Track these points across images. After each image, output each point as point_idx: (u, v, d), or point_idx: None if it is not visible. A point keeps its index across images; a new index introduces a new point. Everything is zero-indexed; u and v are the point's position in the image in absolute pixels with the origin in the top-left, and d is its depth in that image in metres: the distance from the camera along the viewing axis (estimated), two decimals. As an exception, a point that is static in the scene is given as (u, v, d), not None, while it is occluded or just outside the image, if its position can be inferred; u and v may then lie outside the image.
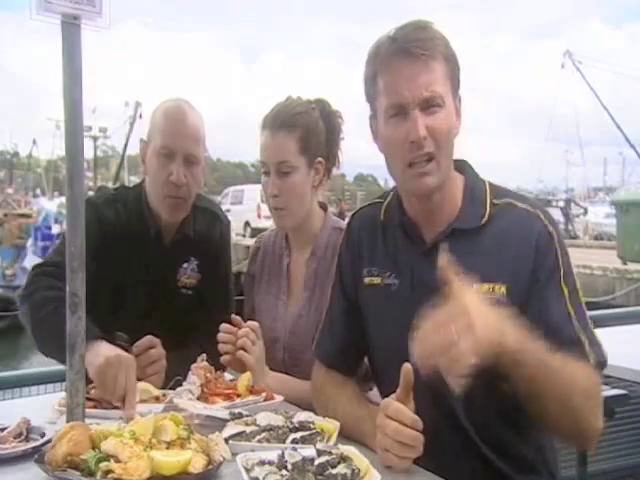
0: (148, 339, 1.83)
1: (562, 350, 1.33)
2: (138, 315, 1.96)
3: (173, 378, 1.78)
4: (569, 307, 1.40)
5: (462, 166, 1.55)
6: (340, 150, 2.03)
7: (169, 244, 2.06)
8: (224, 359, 1.84)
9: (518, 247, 1.42)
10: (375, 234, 1.61)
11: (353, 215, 1.71)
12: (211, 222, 2.14)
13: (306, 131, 1.90)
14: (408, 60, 1.39)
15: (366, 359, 1.70)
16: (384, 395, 1.45)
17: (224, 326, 1.84)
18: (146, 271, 2.00)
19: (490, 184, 1.53)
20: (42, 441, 1.39)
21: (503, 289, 1.40)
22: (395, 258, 1.55)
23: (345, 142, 2.04)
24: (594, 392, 1.36)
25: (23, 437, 1.43)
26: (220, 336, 1.83)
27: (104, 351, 1.60)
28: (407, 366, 1.29)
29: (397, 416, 1.27)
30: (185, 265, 2.06)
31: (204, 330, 1.96)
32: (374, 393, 1.71)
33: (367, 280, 1.59)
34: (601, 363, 1.40)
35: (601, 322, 3.35)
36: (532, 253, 1.41)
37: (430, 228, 1.51)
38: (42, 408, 1.65)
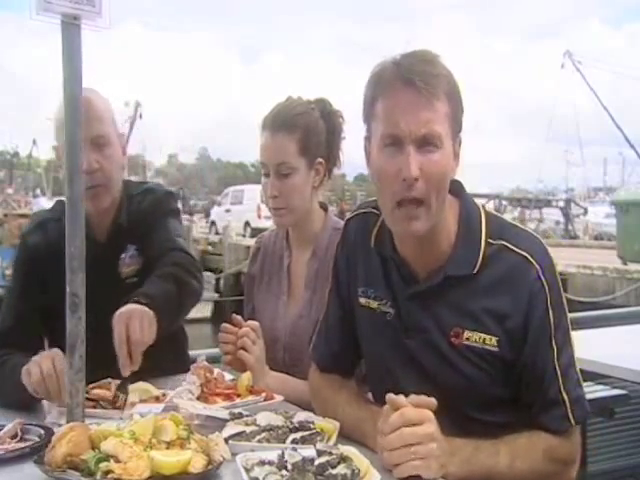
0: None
1: (543, 411, 1.39)
2: (91, 318, 1.89)
3: (153, 379, 1.76)
4: (556, 365, 1.39)
5: (457, 189, 1.49)
6: (341, 150, 2.01)
7: (105, 240, 1.99)
8: (225, 359, 1.84)
9: (510, 299, 1.38)
10: (370, 253, 1.56)
11: (349, 220, 1.67)
12: (142, 199, 2.05)
13: (306, 132, 1.89)
14: (410, 92, 1.33)
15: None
16: (376, 398, 1.46)
17: (224, 326, 1.84)
18: (88, 275, 1.94)
19: (486, 214, 1.47)
20: (40, 441, 1.39)
21: (494, 341, 1.39)
22: (391, 288, 1.51)
23: (345, 142, 2.03)
24: (558, 462, 1.39)
25: (18, 438, 1.43)
26: (220, 336, 1.83)
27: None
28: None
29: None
30: (123, 255, 1.98)
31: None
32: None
33: (363, 301, 1.56)
34: (582, 420, 1.42)
35: (601, 322, 3.36)
36: (524, 307, 1.38)
37: (422, 266, 1.47)
38: (42, 408, 1.65)
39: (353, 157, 2.05)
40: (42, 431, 1.45)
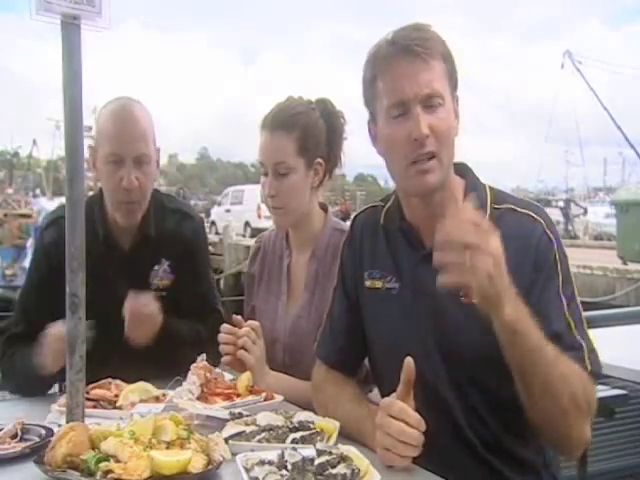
0: (140, 303, 1.85)
1: (563, 353, 1.33)
2: (108, 320, 1.84)
3: (153, 379, 1.77)
4: (567, 315, 1.39)
5: (463, 170, 1.54)
6: (342, 150, 2.01)
7: (130, 247, 2.03)
8: (225, 360, 1.84)
9: (518, 253, 1.39)
10: (377, 237, 1.60)
11: (355, 217, 1.71)
12: (181, 220, 2.10)
13: (304, 132, 1.89)
14: (408, 58, 1.39)
15: (366, 360, 1.70)
16: (384, 396, 1.46)
17: (225, 326, 1.84)
18: (108, 278, 1.96)
19: (491, 188, 1.52)
20: (40, 442, 1.39)
21: None
22: (397, 262, 1.54)
23: (346, 142, 2.03)
24: (584, 398, 1.34)
25: (18, 438, 1.43)
26: (221, 337, 1.83)
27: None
28: (409, 360, 1.29)
29: (401, 415, 1.27)
30: (156, 267, 2.02)
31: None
32: (374, 394, 1.71)
33: (368, 283, 1.59)
34: (597, 373, 1.39)
35: (601, 322, 3.34)
36: (531, 259, 1.39)
37: (430, 233, 1.47)
38: (42, 408, 1.65)
39: (353, 157, 2.06)
40: (42, 431, 1.45)
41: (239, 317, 1.86)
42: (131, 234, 2.02)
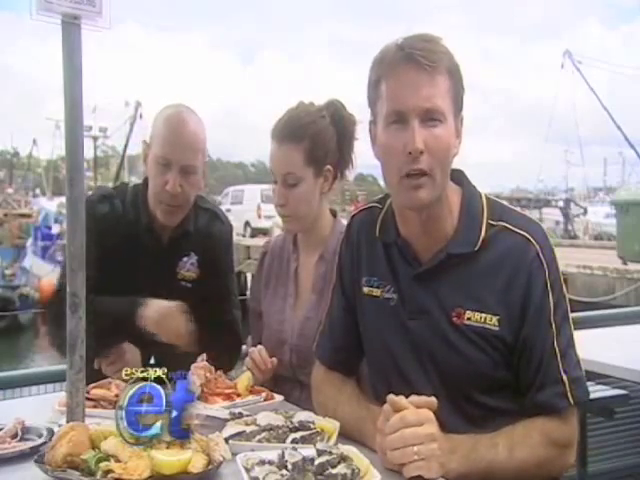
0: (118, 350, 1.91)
1: (541, 389, 1.38)
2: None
3: (171, 371, 1.79)
4: (555, 344, 1.39)
5: (459, 177, 1.52)
6: (354, 153, 2.00)
7: (167, 240, 2.10)
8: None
9: (510, 278, 1.39)
10: (374, 243, 1.59)
11: (353, 216, 1.70)
12: (211, 221, 2.18)
13: (313, 142, 1.88)
14: (413, 68, 1.36)
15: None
16: (377, 398, 1.46)
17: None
18: (143, 264, 2.03)
19: (487, 199, 1.50)
20: (40, 441, 1.39)
21: (495, 320, 1.39)
22: (394, 273, 1.53)
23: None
24: (557, 446, 1.37)
25: (18, 438, 1.43)
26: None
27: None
28: (391, 397, 1.30)
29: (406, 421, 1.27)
30: (185, 259, 2.11)
31: (204, 324, 2.01)
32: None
33: (366, 289, 1.58)
34: (581, 402, 1.40)
35: (601, 322, 3.35)
36: (523, 285, 1.39)
37: (425, 248, 1.49)
38: (42, 408, 1.65)
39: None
40: (42, 431, 1.45)
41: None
42: (170, 229, 2.10)
